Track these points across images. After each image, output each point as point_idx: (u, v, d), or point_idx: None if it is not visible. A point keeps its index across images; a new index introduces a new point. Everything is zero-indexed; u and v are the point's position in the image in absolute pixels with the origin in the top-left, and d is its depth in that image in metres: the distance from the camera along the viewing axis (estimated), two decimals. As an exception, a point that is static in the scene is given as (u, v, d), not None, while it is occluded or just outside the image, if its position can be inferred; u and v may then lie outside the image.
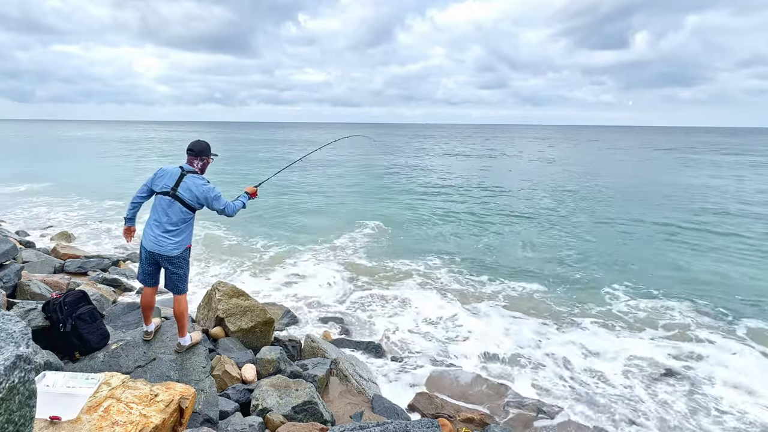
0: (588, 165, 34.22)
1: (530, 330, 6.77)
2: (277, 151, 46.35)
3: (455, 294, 8.11)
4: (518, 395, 5.16)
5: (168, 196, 3.48)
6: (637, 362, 5.94)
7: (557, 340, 6.47)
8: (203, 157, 3.65)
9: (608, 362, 5.93)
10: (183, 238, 3.55)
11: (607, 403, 5.07)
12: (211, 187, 3.59)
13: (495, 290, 8.34)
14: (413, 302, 7.70)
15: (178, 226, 3.50)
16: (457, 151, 49.75)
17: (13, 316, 1.73)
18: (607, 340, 6.53)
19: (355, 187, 21.86)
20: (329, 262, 9.88)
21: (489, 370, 5.69)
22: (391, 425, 2.83)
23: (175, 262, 3.57)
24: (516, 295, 8.15)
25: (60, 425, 2.36)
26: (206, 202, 3.54)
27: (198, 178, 3.56)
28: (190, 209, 3.54)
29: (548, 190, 20.98)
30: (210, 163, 3.75)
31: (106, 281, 7.22)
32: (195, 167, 3.62)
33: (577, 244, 11.69)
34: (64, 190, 18.45)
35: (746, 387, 5.40)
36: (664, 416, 4.85)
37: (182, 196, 3.48)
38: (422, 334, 6.59)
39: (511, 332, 6.68)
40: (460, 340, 6.43)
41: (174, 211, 3.48)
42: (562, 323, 7.03)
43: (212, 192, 3.54)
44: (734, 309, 7.61)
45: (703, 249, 11.33)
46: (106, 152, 41.80)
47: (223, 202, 3.59)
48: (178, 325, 3.77)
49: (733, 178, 26.08)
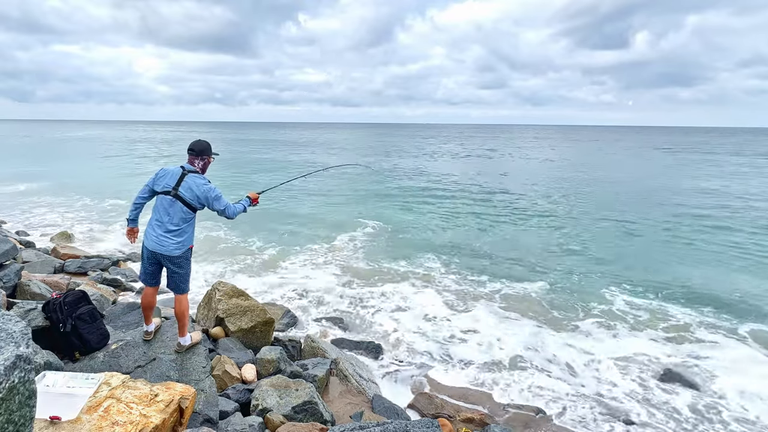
0: (588, 165, 34.21)
1: (530, 330, 6.77)
2: (279, 152, 46.37)
3: (455, 294, 8.11)
4: (518, 395, 5.17)
5: (169, 195, 3.48)
6: (638, 362, 5.94)
7: (557, 340, 6.47)
8: (204, 156, 3.64)
9: (608, 362, 5.93)
10: (185, 238, 3.55)
11: (607, 403, 5.07)
12: (212, 187, 3.58)
13: (495, 290, 8.34)
14: (413, 302, 7.70)
15: (179, 226, 3.50)
16: (457, 151, 49.76)
17: (13, 316, 1.73)
18: (607, 340, 6.53)
19: (355, 187, 21.86)
20: (329, 262, 9.88)
21: (489, 370, 5.69)
22: (391, 425, 2.83)
23: (177, 262, 3.57)
24: (516, 295, 8.15)
25: (60, 425, 2.36)
26: (207, 202, 3.54)
27: (199, 178, 3.56)
28: (192, 209, 3.54)
29: (548, 190, 20.98)
30: (211, 162, 3.75)
31: (106, 281, 7.23)
32: (196, 167, 3.61)
33: (577, 244, 11.69)
34: (65, 190, 18.45)
35: (747, 386, 5.41)
36: (665, 417, 4.85)
37: (183, 195, 3.47)
38: (422, 334, 6.58)
39: (511, 332, 6.68)
40: (460, 340, 6.43)
41: (175, 211, 3.48)
42: (562, 323, 7.03)
43: (213, 192, 3.54)
44: (736, 308, 7.61)
45: (705, 248, 11.33)
46: (106, 152, 41.80)
47: (224, 202, 3.59)
48: (179, 324, 3.77)
49: (733, 177, 26.09)
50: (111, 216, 13.87)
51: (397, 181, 23.80)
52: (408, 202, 17.65)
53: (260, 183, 21.51)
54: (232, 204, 3.67)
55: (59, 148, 47.24)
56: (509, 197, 18.84)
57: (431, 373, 5.56)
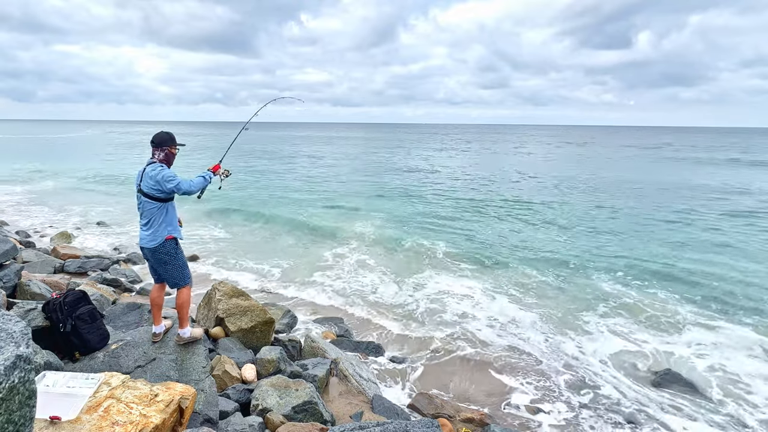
0: (590, 164, 34.21)
1: (530, 330, 6.77)
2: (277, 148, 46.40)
3: (455, 294, 8.11)
4: (518, 395, 5.16)
5: (138, 192, 3.61)
6: (638, 362, 5.94)
7: (557, 341, 6.48)
8: (164, 147, 3.64)
9: (608, 362, 5.93)
10: (155, 229, 3.59)
11: (607, 403, 5.07)
12: (162, 169, 3.54)
13: (494, 291, 8.34)
14: (413, 302, 7.70)
15: (148, 218, 3.59)
16: (460, 148, 49.77)
17: (13, 316, 1.73)
18: (608, 339, 6.52)
19: (355, 187, 21.85)
20: (329, 262, 9.88)
21: (489, 369, 5.69)
22: (391, 425, 2.83)
23: (158, 256, 3.63)
24: (516, 295, 8.15)
25: (60, 425, 2.36)
26: (159, 185, 3.51)
27: (152, 168, 3.55)
28: (155, 199, 3.56)
29: (554, 188, 20.97)
30: (175, 153, 3.73)
31: (106, 281, 7.22)
32: (156, 158, 3.63)
33: (578, 243, 11.67)
34: (65, 191, 18.46)
35: (746, 386, 5.41)
36: (665, 416, 4.85)
37: (143, 187, 3.56)
38: (422, 334, 6.59)
39: (511, 333, 6.68)
40: (460, 341, 6.43)
41: (143, 205, 3.60)
42: (562, 324, 7.02)
43: (161, 174, 3.50)
44: (737, 308, 7.61)
45: (712, 246, 11.32)
46: (106, 152, 41.82)
47: (174, 180, 3.53)
48: (178, 316, 3.84)
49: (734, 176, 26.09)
50: (111, 216, 13.87)
51: (397, 181, 23.80)
52: (408, 203, 17.65)
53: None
54: (186, 180, 3.62)
55: (59, 148, 47.25)
56: (510, 194, 18.84)
57: (431, 373, 5.56)
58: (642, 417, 4.83)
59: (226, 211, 15.24)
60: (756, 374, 5.65)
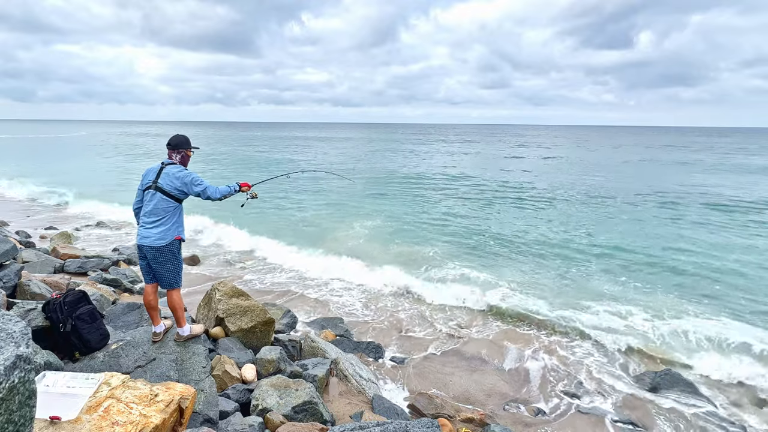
0: (592, 164, 34.21)
1: (530, 330, 6.78)
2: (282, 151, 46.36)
3: (455, 294, 8.09)
4: (518, 395, 5.17)
5: (151, 189, 3.58)
6: (638, 362, 5.94)
7: (557, 341, 6.48)
8: (180, 150, 3.72)
9: (608, 362, 5.93)
10: (167, 228, 3.58)
11: (607, 403, 5.07)
12: (189, 172, 3.63)
13: (494, 290, 8.33)
14: (413, 302, 7.71)
15: (160, 216, 3.56)
16: (462, 150, 49.76)
17: (13, 316, 1.73)
18: (608, 339, 6.52)
19: (355, 186, 21.85)
20: (329, 262, 9.87)
21: (489, 370, 5.69)
22: (391, 425, 2.83)
23: (161, 255, 3.60)
24: (516, 295, 8.14)
25: (60, 425, 2.36)
26: (185, 187, 3.57)
27: (176, 167, 3.63)
28: (173, 198, 3.58)
29: (554, 188, 20.97)
30: (190, 156, 3.81)
31: (106, 281, 7.22)
32: (174, 160, 3.69)
33: (578, 243, 11.67)
34: (65, 191, 18.44)
35: (746, 386, 5.41)
36: (664, 416, 4.85)
37: (162, 185, 3.55)
38: (422, 334, 6.59)
39: (511, 333, 6.69)
40: (460, 341, 6.43)
41: (156, 202, 3.56)
42: (562, 324, 7.01)
43: (189, 176, 3.58)
44: (738, 307, 7.61)
45: (713, 246, 11.32)
46: (106, 152, 41.81)
47: (203, 185, 3.59)
48: (175, 317, 3.83)
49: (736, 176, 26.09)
50: (111, 216, 13.87)
51: (397, 181, 23.79)
52: (409, 203, 17.65)
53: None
54: (213, 186, 3.66)
55: (59, 149, 47.23)
56: (510, 197, 18.84)
57: (431, 373, 5.56)
58: (642, 417, 4.83)
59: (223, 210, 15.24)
60: (756, 374, 5.65)
